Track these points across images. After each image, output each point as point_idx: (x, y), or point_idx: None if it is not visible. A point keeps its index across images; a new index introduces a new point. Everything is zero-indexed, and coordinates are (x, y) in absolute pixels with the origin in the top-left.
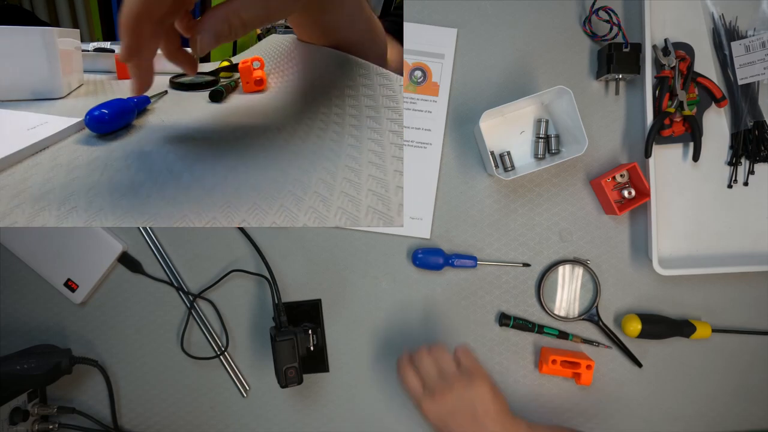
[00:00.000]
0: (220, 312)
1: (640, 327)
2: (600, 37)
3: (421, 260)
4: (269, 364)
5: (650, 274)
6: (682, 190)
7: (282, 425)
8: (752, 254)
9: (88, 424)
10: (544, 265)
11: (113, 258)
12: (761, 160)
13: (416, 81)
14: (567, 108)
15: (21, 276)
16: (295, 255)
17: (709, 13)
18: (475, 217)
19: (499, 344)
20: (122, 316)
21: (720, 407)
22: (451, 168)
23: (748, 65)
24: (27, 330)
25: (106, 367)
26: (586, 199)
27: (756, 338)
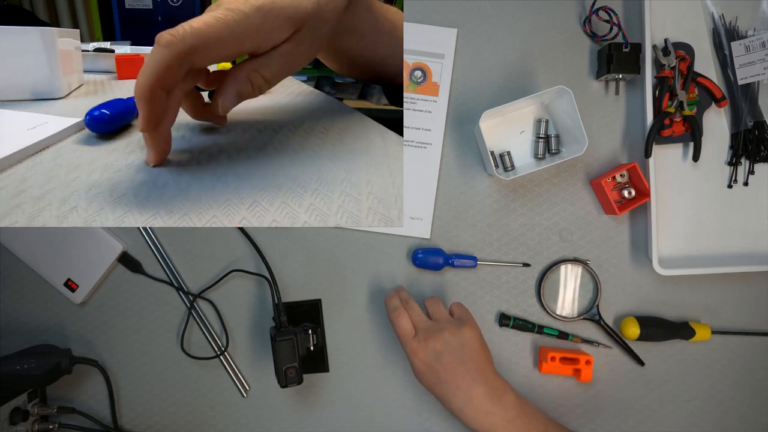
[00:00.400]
0: (220, 312)
1: (638, 331)
2: (600, 37)
3: (421, 260)
4: (269, 364)
5: (650, 274)
6: (682, 190)
7: (282, 425)
8: (752, 254)
9: (88, 424)
10: (544, 265)
11: (113, 258)
12: (761, 160)
13: (416, 81)
14: (567, 108)
15: (21, 276)
16: (295, 255)
17: (709, 13)
18: (475, 217)
19: (499, 344)
20: (122, 316)
21: (720, 407)
22: (451, 168)
23: (748, 65)
24: (27, 330)
25: (106, 367)
26: (586, 199)
27: (756, 339)
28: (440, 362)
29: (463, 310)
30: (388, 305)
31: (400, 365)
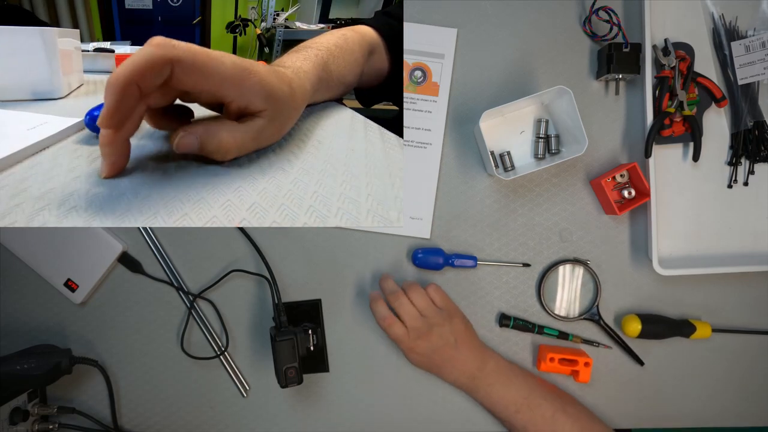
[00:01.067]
0: (220, 312)
1: (640, 327)
2: (600, 37)
3: (421, 260)
4: (269, 364)
5: (650, 274)
6: (682, 190)
7: (282, 425)
8: (752, 254)
9: (88, 424)
10: (544, 265)
11: (113, 258)
12: (761, 160)
13: (416, 81)
14: (567, 108)
15: (21, 276)
16: (295, 255)
17: (709, 13)
18: (475, 217)
19: (499, 345)
20: (122, 316)
21: (720, 406)
22: (451, 168)
23: (748, 65)
24: (27, 330)
25: (106, 367)
26: (586, 199)
27: (756, 338)
28: (436, 352)
29: (444, 297)
30: (377, 312)
31: (399, 365)
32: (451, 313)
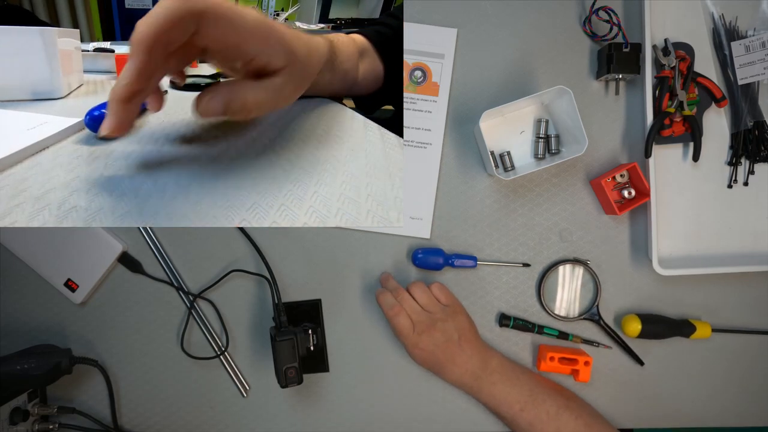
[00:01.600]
0: (220, 312)
1: (640, 327)
2: (600, 37)
3: (421, 260)
4: (269, 364)
5: (650, 274)
6: (682, 190)
7: (282, 425)
8: (752, 254)
9: (88, 424)
10: (544, 265)
11: (113, 258)
12: (761, 160)
13: (416, 81)
14: (567, 108)
15: (21, 276)
16: (295, 255)
17: (709, 13)
18: (475, 217)
19: (499, 345)
20: (122, 316)
21: (720, 406)
22: (451, 168)
23: (748, 65)
24: (27, 330)
25: (106, 367)
26: (586, 199)
27: (756, 338)
28: (439, 348)
29: (448, 294)
30: (384, 303)
31: (400, 365)
32: (455, 310)
